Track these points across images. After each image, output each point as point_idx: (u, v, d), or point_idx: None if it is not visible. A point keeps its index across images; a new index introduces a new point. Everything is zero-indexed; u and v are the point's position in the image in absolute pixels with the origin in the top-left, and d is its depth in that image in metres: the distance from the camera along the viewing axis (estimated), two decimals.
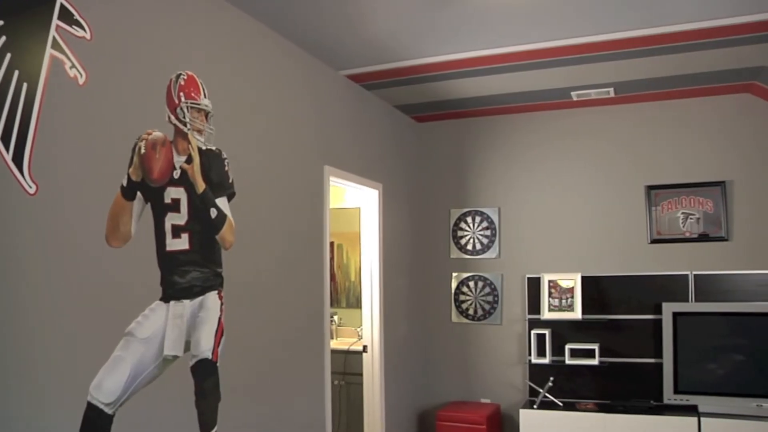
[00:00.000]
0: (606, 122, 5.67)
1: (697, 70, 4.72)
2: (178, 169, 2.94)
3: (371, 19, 3.76)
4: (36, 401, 2.24)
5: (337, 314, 6.30)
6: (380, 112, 5.46)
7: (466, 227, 6.04)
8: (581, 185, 5.70)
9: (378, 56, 4.40)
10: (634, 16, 3.75)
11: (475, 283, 5.98)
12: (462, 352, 5.99)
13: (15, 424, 2.17)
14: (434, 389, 6.04)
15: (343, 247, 6.33)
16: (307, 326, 4.16)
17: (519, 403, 5.59)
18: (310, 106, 4.30)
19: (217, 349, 3.16)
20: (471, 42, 4.15)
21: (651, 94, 5.32)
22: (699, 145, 5.40)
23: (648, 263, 5.44)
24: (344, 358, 5.59)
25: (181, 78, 2.98)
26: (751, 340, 4.99)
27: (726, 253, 5.25)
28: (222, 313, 3.21)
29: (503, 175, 5.96)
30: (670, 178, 5.45)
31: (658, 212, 5.45)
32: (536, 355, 5.50)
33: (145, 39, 2.83)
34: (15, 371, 2.18)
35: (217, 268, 3.20)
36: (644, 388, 5.26)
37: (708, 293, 5.19)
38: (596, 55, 4.37)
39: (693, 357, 5.07)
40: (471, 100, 5.47)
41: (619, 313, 5.42)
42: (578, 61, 4.51)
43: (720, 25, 3.86)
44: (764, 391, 4.85)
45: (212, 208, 3.16)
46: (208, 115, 3.15)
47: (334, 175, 4.55)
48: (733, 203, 5.28)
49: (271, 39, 3.85)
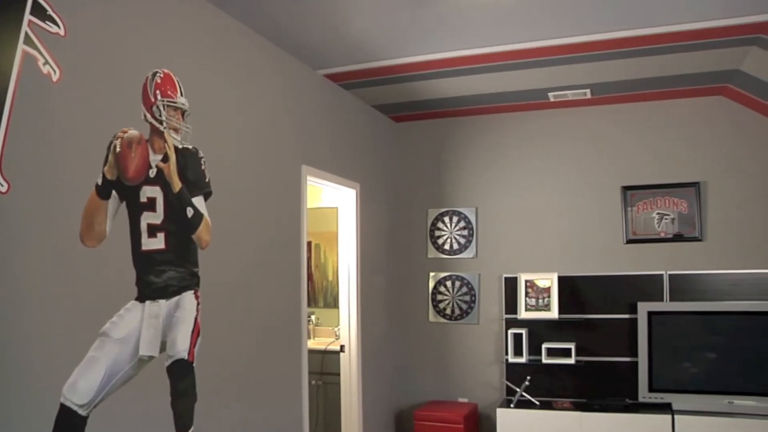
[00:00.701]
0: (582, 123, 5.72)
1: (672, 73, 4.78)
2: (154, 167, 2.91)
3: (349, 18, 3.75)
4: (6, 403, 2.20)
5: (315, 314, 6.28)
6: (358, 111, 5.45)
7: (444, 227, 6.05)
8: (558, 186, 5.74)
9: (356, 56, 4.39)
10: (610, 18, 3.78)
11: (453, 282, 5.99)
12: (439, 352, 6.00)
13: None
14: (412, 389, 6.04)
15: (320, 246, 6.32)
16: (284, 326, 4.14)
17: (496, 402, 5.61)
18: (287, 106, 4.29)
19: (194, 349, 3.14)
20: (449, 42, 4.16)
21: (627, 95, 5.37)
22: (674, 146, 5.47)
23: (624, 263, 5.49)
24: (321, 358, 5.57)
25: (158, 76, 2.95)
26: (724, 338, 5.06)
27: (700, 253, 5.32)
28: (198, 312, 3.18)
29: (480, 175, 5.98)
30: (645, 178, 5.50)
31: (634, 212, 5.51)
32: (513, 355, 5.53)
33: (121, 36, 2.80)
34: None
35: (193, 268, 3.17)
36: (620, 386, 5.31)
37: (682, 293, 5.25)
38: (573, 56, 4.40)
39: (667, 356, 5.13)
40: (449, 100, 5.48)
41: (595, 312, 5.46)
42: (555, 62, 4.54)
43: (694, 28, 3.91)
44: (736, 388, 4.93)
45: (188, 207, 3.13)
46: (185, 114, 3.13)
47: (311, 175, 4.53)
48: (707, 204, 5.35)
49: (249, 37, 3.83)
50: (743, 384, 4.93)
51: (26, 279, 2.29)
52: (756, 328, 4.98)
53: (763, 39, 4.05)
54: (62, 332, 2.42)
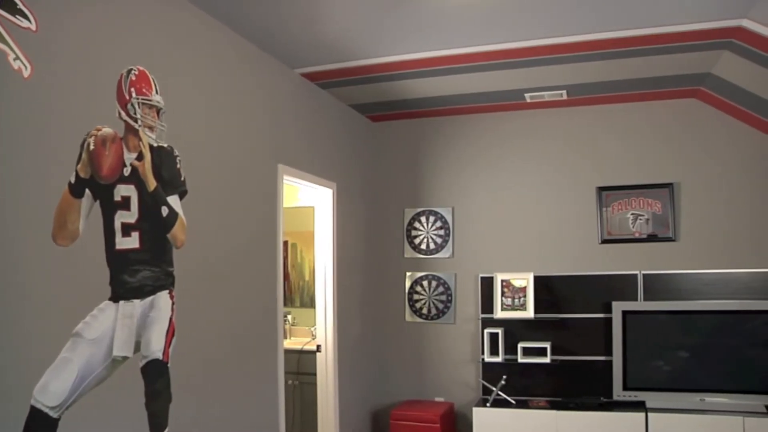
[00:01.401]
0: (558, 124, 5.76)
1: (646, 75, 4.83)
2: (129, 166, 2.87)
3: (327, 17, 3.74)
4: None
5: (291, 314, 6.26)
6: (335, 111, 5.43)
7: (420, 227, 6.05)
8: (534, 186, 5.78)
9: (333, 55, 4.38)
10: (586, 20, 3.81)
11: (429, 282, 6.00)
12: (416, 351, 6.01)
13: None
14: (388, 388, 6.04)
15: (297, 246, 6.29)
16: (260, 326, 4.12)
17: (472, 401, 5.63)
18: (264, 104, 4.26)
19: (168, 349, 3.10)
20: (426, 42, 4.17)
21: (602, 97, 5.42)
22: (648, 147, 5.53)
23: (599, 263, 5.54)
24: (298, 358, 5.55)
25: (132, 73, 2.92)
26: (697, 337, 5.13)
27: (673, 253, 5.38)
28: (173, 312, 3.15)
29: (457, 175, 5.99)
30: (620, 179, 5.56)
31: (609, 213, 5.56)
32: (489, 354, 5.55)
33: (95, 32, 2.76)
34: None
35: (168, 268, 3.14)
36: (594, 385, 5.36)
37: (656, 292, 5.32)
38: (549, 57, 4.43)
39: (641, 354, 5.19)
40: (426, 100, 5.49)
41: (570, 311, 5.50)
42: (532, 64, 4.57)
43: (668, 31, 3.96)
44: (707, 386, 5.00)
45: (163, 206, 3.10)
46: (160, 112, 3.09)
47: (287, 174, 4.51)
48: (680, 205, 5.41)
49: (225, 35, 3.80)
50: (715, 382, 5.01)
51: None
52: (727, 327, 5.06)
53: (734, 44, 4.11)
54: (33, 333, 2.38)
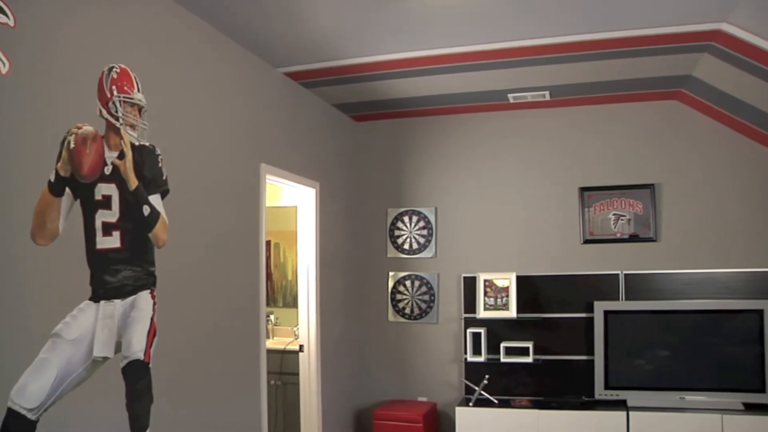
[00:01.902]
0: (541, 124, 5.78)
1: (628, 77, 4.87)
2: (110, 164, 2.85)
3: (310, 16, 3.73)
4: None
5: (274, 313, 6.24)
6: (318, 110, 5.42)
7: (403, 227, 6.06)
8: (517, 186, 5.80)
9: (317, 54, 4.37)
10: (569, 21, 3.83)
11: (412, 282, 6.00)
12: (399, 351, 6.01)
13: None
14: (371, 388, 6.04)
15: (280, 245, 6.27)
16: (242, 326, 4.10)
17: (455, 400, 5.64)
18: (246, 103, 4.24)
19: (150, 349, 3.08)
20: (410, 42, 4.17)
21: (585, 98, 5.45)
22: (630, 148, 5.57)
23: (581, 263, 5.57)
24: (280, 358, 5.53)
25: (114, 71, 2.89)
26: (677, 336, 5.18)
27: (655, 253, 5.43)
28: (155, 312, 3.12)
29: (440, 175, 6.00)
30: (602, 180, 5.59)
31: (591, 213, 5.59)
32: (472, 354, 5.56)
33: (76, 28, 2.73)
34: None
35: (149, 267, 3.11)
36: (576, 384, 5.39)
37: (637, 292, 5.36)
38: (532, 58, 4.44)
39: (623, 354, 5.22)
40: (409, 100, 5.49)
41: (552, 311, 5.53)
42: (515, 64, 4.58)
43: (650, 34, 3.99)
44: (687, 384, 5.05)
45: (145, 205, 3.08)
46: (142, 110, 3.07)
47: (270, 174, 4.49)
48: (661, 205, 5.46)
49: (208, 34, 3.78)
50: (694, 380, 5.06)
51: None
52: (707, 327, 5.11)
53: (713, 47, 4.16)
54: (11, 333, 2.35)
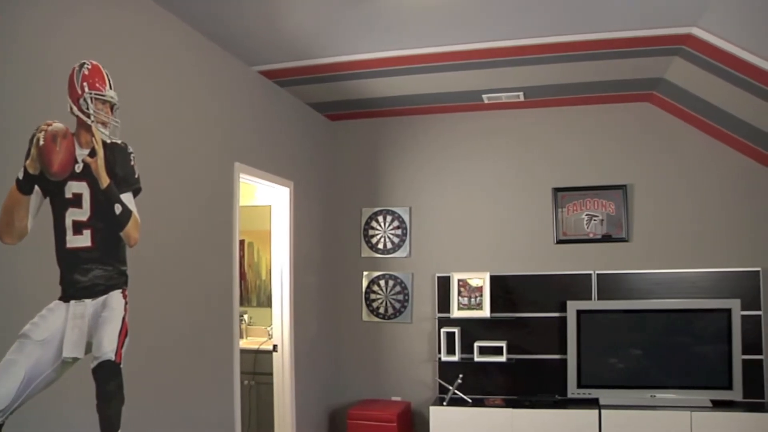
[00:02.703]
0: (515, 125, 5.82)
1: (601, 79, 4.92)
2: (81, 162, 2.80)
3: (286, 15, 3.71)
4: None
5: (248, 313, 6.20)
6: (293, 109, 5.40)
7: (378, 226, 6.06)
8: (491, 186, 5.83)
9: (292, 53, 4.35)
10: (543, 23, 3.85)
11: (386, 281, 6.01)
12: (373, 351, 6.01)
13: None
14: (345, 388, 6.03)
15: (254, 245, 6.23)
16: (215, 325, 4.06)
17: (429, 400, 5.65)
18: (220, 101, 4.20)
19: (121, 350, 3.04)
20: (385, 42, 4.17)
21: (558, 99, 5.49)
22: (603, 149, 5.63)
23: (554, 263, 5.62)
24: (254, 358, 5.50)
25: (85, 67, 2.85)
26: (648, 335, 5.25)
27: (627, 253, 5.49)
28: (126, 312, 3.08)
29: (415, 175, 6.01)
30: (575, 180, 5.64)
31: (564, 213, 5.64)
32: (446, 353, 5.58)
33: (46, 24, 2.68)
34: None
35: (121, 266, 3.07)
36: (550, 383, 5.43)
37: (610, 292, 5.42)
38: (507, 59, 4.47)
39: (595, 353, 5.28)
40: (384, 99, 5.49)
41: (526, 311, 5.57)
42: (489, 65, 4.60)
43: (623, 36, 4.04)
44: (658, 382, 5.13)
45: (117, 203, 3.04)
46: (114, 107, 3.02)
47: (244, 172, 4.46)
48: (633, 206, 5.52)
49: (182, 31, 3.74)
50: (665, 378, 5.14)
51: None
52: (677, 325, 5.19)
53: (684, 50, 4.22)
54: None
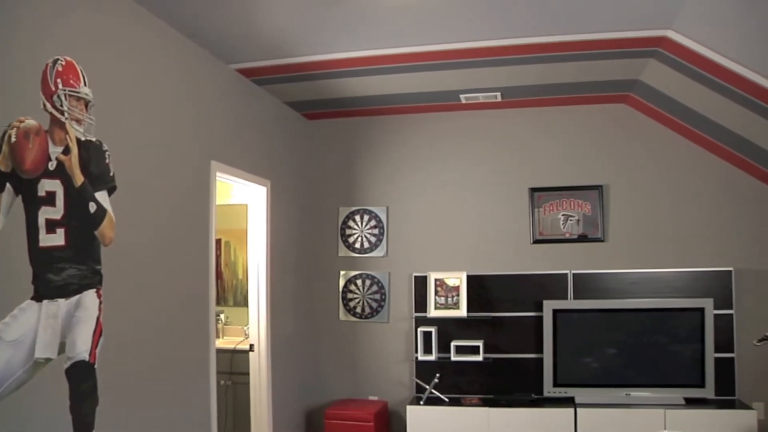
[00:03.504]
0: (493, 125, 5.84)
1: (578, 79, 4.95)
2: (54, 160, 2.76)
3: (263, 13, 3.69)
4: None
5: (224, 313, 6.15)
6: (270, 108, 5.37)
7: (355, 226, 6.05)
8: (468, 186, 5.84)
9: (269, 51, 4.33)
10: (520, 24, 3.87)
11: (363, 281, 6.00)
12: (350, 350, 6.00)
13: None
14: (322, 388, 6.01)
15: (230, 244, 6.19)
16: (192, 325, 4.03)
17: (406, 399, 5.66)
18: (197, 99, 4.17)
19: (95, 350, 3.00)
20: (363, 41, 4.16)
21: (536, 100, 5.52)
22: (579, 150, 5.68)
23: (530, 263, 5.65)
24: (231, 358, 5.46)
25: (59, 63, 2.80)
26: (623, 334, 5.31)
27: (602, 253, 5.54)
28: (101, 312, 3.05)
29: (392, 174, 6.01)
30: (552, 180, 5.68)
31: (541, 213, 5.68)
32: (423, 353, 5.59)
33: (19, 19, 2.63)
34: None
35: (95, 265, 3.03)
36: (526, 382, 5.46)
37: (585, 291, 5.46)
38: (484, 59, 4.48)
39: (571, 352, 5.32)
40: (362, 99, 5.48)
41: (502, 310, 5.59)
42: (467, 65, 4.61)
43: (599, 38, 4.08)
44: (633, 381, 5.19)
45: (91, 202, 3.00)
46: (88, 105, 2.99)
47: (221, 171, 4.43)
48: (609, 206, 5.57)
49: (159, 28, 3.70)
50: (639, 377, 5.20)
51: None
52: (651, 324, 5.26)
53: (660, 53, 4.27)
54: None
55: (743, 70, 3.82)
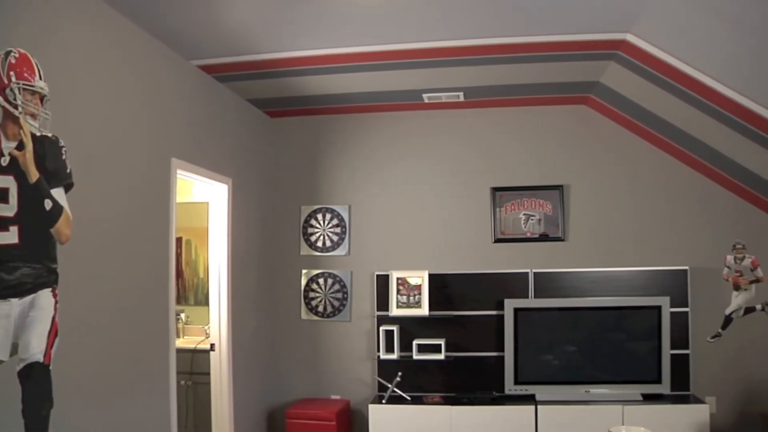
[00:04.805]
0: (455, 125, 5.87)
1: (540, 80, 5.01)
2: (7, 155, 2.69)
3: (226, 9, 3.65)
4: None
5: (185, 312, 6.07)
6: (232, 105, 5.31)
7: (317, 224, 6.02)
8: (430, 186, 5.86)
9: (232, 48, 4.28)
10: (483, 24, 3.90)
11: (325, 280, 5.98)
12: (312, 349, 5.97)
13: None
14: (284, 387, 5.97)
15: (191, 242, 6.11)
16: (150, 325, 3.97)
17: (368, 398, 5.66)
18: (158, 96, 4.11)
19: (50, 351, 2.93)
20: (326, 39, 4.14)
21: (498, 100, 5.57)
22: (541, 150, 5.74)
23: (492, 261, 5.69)
24: (191, 357, 5.39)
25: (12, 55, 2.73)
26: (583, 332, 5.38)
27: (563, 252, 5.62)
28: (56, 312, 2.98)
29: (354, 173, 6.00)
30: (513, 180, 5.73)
31: (502, 213, 5.72)
32: (385, 351, 5.59)
33: None
34: None
35: (51, 264, 2.96)
36: (487, 380, 5.51)
37: (546, 290, 5.52)
38: (447, 59, 4.50)
39: (532, 350, 5.38)
40: (324, 97, 5.45)
41: (464, 309, 5.63)
42: (430, 65, 4.63)
43: (560, 40, 4.13)
44: (592, 378, 5.27)
45: (47, 199, 2.92)
46: (44, 99, 2.91)
47: (181, 168, 4.37)
48: (569, 206, 5.65)
49: (118, 22, 3.63)
50: (598, 374, 5.27)
51: None
52: (610, 322, 5.34)
53: (619, 55, 4.34)
54: None
55: (697, 74, 3.91)
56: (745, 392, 5.31)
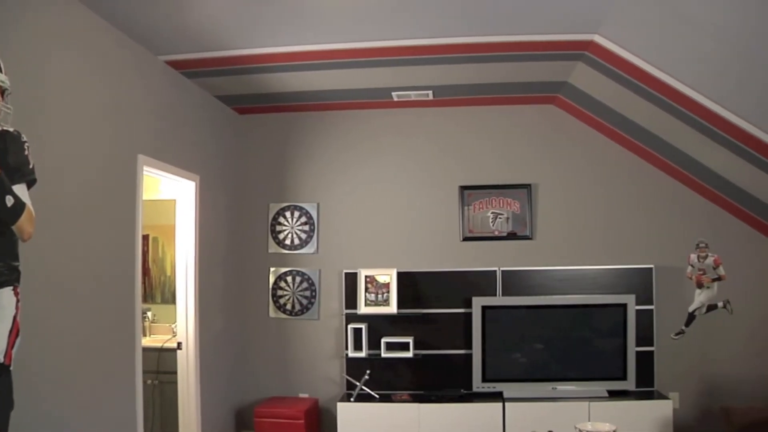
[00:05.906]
0: (424, 123, 5.89)
1: (509, 80, 5.04)
2: None
3: (194, 4, 3.60)
4: None
5: (151, 310, 6.00)
6: (200, 101, 5.26)
7: (285, 222, 5.99)
8: (399, 183, 5.87)
9: (200, 43, 4.23)
10: (452, 23, 3.92)
11: (293, 278, 5.95)
12: (280, 348, 5.95)
13: None
14: (252, 385, 5.94)
15: (158, 240, 6.03)
16: (116, 323, 3.91)
17: (337, 396, 5.65)
18: (124, 91, 4.05)
19: (11, 351, 2.85)
20: (296, 36, 4.12)
21: (467, 99, 5.59)
22: (509, 149, 5.78)
23: (460, 260, 5.73)
24: (158, 356, 5.32)
25: None
26: (550, 330, 5.45)
27: (530, 250, 5.67)
28: (18, 311, 2.90)
29: (323, 170, 5.98)
30: (482, 179, 5.77)
31: (470, 211, 5.76)
32: (353, 349, 5.59)
33: None
34: None
35: (12, 262, 2.89)
36: (455, 377, 5.54)
37: (514, 288, 5.57)
38: (417, 58, 4.51)
39: (499, 347, 5.42)
40: (293, 94, 5.43)
41: (432, 307, 5.65)
42: (399, 63, 4.63)
43: (529, 40, 4.17)
44: (559, 375, 5.34)
45: (8, 195, 2.85)
46: (5, 93, 2.84)
47: (148, 165, 4.31)
48: (537, 205, 5.70)
49: (84, 16, 3.57)
50: (565, 371, 5.34)
51: None
52: (577, 320, 5.41)
53: (587, 56, 4.39)
54: None
55: (663, 76, 3.98)
56: (707, 387, 5.42)
